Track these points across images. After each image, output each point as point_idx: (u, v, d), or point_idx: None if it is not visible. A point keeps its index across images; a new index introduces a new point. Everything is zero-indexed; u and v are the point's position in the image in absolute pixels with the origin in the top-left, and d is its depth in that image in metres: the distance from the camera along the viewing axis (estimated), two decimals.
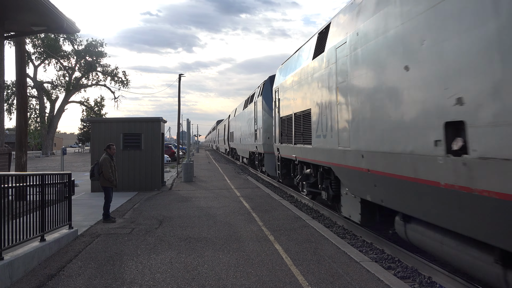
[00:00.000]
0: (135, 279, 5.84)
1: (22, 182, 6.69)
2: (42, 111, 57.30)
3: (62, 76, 60.75)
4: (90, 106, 63.49)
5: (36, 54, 56.40)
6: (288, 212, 11.17)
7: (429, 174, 5.45)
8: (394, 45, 6.35)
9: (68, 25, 10.21)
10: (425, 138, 5.53)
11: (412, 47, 5.83)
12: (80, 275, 6.05)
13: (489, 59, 4.31)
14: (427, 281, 6.12)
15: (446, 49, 5.02)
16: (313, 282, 5.63)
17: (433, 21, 5.28)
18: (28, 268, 6.21)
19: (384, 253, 7.67)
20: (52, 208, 7.45)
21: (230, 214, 10.96)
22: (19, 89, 13.13)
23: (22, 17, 9.98)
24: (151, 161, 16.30)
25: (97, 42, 60.46)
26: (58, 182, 7.84)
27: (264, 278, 5.82)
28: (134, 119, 17.19)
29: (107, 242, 8.03)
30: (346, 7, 8.97)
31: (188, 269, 6.27)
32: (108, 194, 10.20)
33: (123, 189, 15.59)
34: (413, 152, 5.84)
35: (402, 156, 6.13)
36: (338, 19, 9.43)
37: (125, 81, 62.63)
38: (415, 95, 5.81)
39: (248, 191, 16.02)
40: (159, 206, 12.38)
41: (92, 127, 16.75)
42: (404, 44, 6.06)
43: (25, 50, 13.60)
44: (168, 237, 8.36)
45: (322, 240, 7.98)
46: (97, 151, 15.11)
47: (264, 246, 7.56)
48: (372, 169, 7.16)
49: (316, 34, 11.15)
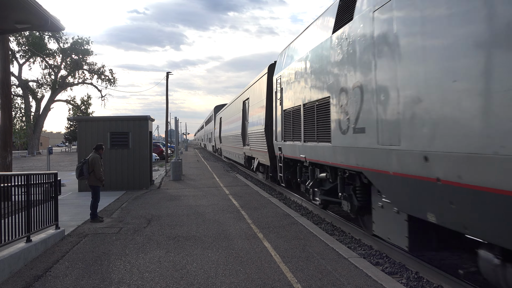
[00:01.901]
0: (123, 279, 5.80)
1: (7, 182, 6.58)
2: (27, 110, 56.47)
3: (47, 75, 59.99)
4: (76, 105, 62.77)
5: (20, 52, 55.56)
6: (277, 209, 11.20)
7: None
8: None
9: (52, 23, 10.06)
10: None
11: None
12: (67, 275, 5.99)
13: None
14: (414, 276, 6.19)
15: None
16: (302, 279, 5.66)
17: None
18: (13, 269, 6.12)
19: (372, 249, 7.74)
20: (38, 208, 7.35)
21: (219, 212, 10.94)
22: (3, 88, 12.91)
23: (5, 15, 9.79)
24: (139, 160, 16.18)
25: (83, 40, 59.78)
26: (44, 182, 7.74)
27: (253, 276, 5.83)
28: (121, 117, 17.04)
29: (94, 242, 7.96)
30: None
31: (177, 268, 6.24)
32: (97, 194, 10.10)
33: (111, 188, 15.45)
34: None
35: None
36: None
37: (112, 79, 62.09)
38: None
39: (237, 189, 16.02)
40: (147, 205, 12.30)
41: (78, 126, 16.55)
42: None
43: (9, 48, 13.38)
44: (156, 236, 8.31)
45: (310, 237, 8.02)
46: (84, 150, 14.96)
47: (253, 244, 7.57)
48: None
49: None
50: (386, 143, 6.13)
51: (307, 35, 11.13)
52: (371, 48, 6.67)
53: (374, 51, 6.56)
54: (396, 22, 5.93)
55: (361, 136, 7.00)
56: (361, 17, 7.13)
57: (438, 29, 4.94)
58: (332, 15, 8.90)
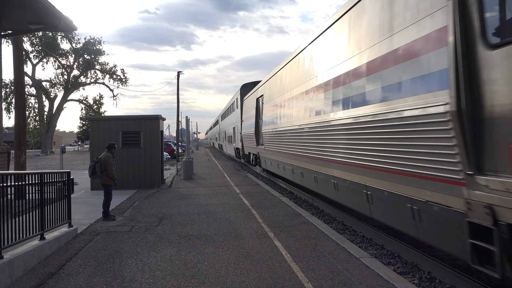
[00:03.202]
0: (135, 277, 5.85)
1: (21, 181, 6.68)
2: (41, 110, 57.22)
3: (60, 75, 60.66)
4: (89, 104, 63.36)
5: (34, 52, 56.25)
6: (288, 208, 11.18)
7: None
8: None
9: (65, 23, 10.19)
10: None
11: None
12: (80, 273, 6.05)
13: None
14: (427, 276, 6.13)
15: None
16: (312, 279, 5.64)
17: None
18: (28, 266, 6.21)
19: (384, 249, 7.68)
20: (51, 207, 7.45)
21: (229, 211, 10.96)
22: (17, 88, 13.10)
23: (19, 16, 9.95)
24: (151, 159, 16.29)
25: (95, 40, 60.29)
26: (58, 181, 7.83)
27: (264, 275, 5.83)
28: (133, 117, 17.17)
29: (107, 240, 8.04)
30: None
31: (188, 267, 6.27)
32: (109, 192, 10.19)
33: (123, 187, 15.60)
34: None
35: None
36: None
37: (123, 79, 62.50)
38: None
39: (248, 188, 16.03)
40: (158, 204, 12.38)
41: (91, 125, 16.73)
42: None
43: (22, 48, 13.56)
44: (168, 235, 8.36)
45: (321, 236, 7.99)
46: (96, 149, 15.12)
47: (263, 243, 7.56)
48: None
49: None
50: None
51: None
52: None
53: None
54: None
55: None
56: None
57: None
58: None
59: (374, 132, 6.75)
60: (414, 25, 5.54)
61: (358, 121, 7.39)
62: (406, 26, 5.78)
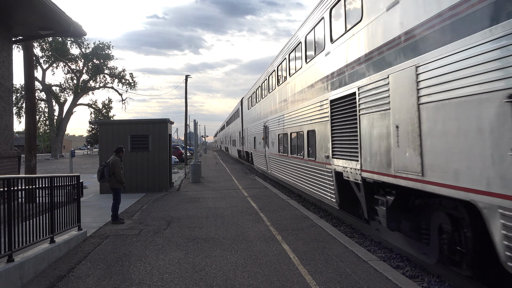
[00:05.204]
0: (143, 280, 5.88)
1: (32, 185, 6.76)
2: (50, 114, 57.89)
3: (70, 79, 61.46)
4: (98, 109, 63.97)
5: (44, 57, 57.07)
6: (296, 211, 11.16)
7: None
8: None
9: (74, 29, 10.31)
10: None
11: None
12: (89, 276, 6.10)
13: None
14: (436, 280, 6.09)
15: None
16: (320, 282, 5.63)
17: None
18: (38, 269, 6.28)
19: (393, 252, 7.64)
20: (61, 210, 7.52)
21: (237, 214, 10.97)
22: (28, 93, 13.26)
23: (30, 21, 10.09)
24: (159, 162, 16.38)
25: (104, 45, 60.91)
26: (67, 184, 7.91)
27: (272, 278, 5.83)
28: (141, 120, 17.28)
29: (115, 243, 8.09)
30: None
31: (196, 270, 6.29)
32: (118, 196, 10.27)
33: (131, 191, 15.69)
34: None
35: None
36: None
37: (132, 83, 63.08)
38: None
39: (256, 191, 16.03)
40: (167, 207, 12.44)
41: (100, 129, 16.88)
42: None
43: (33, 53, 13.75)
44: (176, 238, 8.39)
45: (330, 240, 7.96)
46: (105, 153, 15.23)
47: (271, 246, 7.56)
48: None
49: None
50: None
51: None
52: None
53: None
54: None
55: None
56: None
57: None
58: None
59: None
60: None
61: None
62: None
